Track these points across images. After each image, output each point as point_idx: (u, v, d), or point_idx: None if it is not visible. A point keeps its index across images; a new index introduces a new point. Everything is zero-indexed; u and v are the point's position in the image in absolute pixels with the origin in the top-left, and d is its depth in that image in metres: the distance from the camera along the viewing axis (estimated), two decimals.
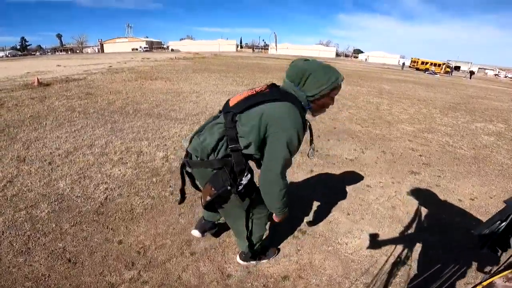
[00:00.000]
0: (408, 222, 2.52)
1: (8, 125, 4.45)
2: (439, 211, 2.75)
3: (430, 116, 6.96)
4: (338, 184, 3.12)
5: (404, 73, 27.66)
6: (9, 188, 2.71)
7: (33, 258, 1.91)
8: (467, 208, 2.86)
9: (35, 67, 16.76)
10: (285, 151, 1.29)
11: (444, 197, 3.05)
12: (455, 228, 2.50)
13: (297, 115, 1.29)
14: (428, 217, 2.64)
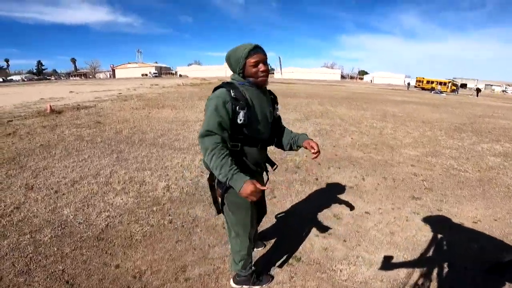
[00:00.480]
0: (407, 248, 2.49)
1: (19, 153, 4.66)
2: (439, 236, 2.71)
3: (435, 139, 6.92)
4: (335, 211, 3.12)
5: (410, 94, 27.79)
6: (16, 213, 2.84)
7: (33, 278, 2.02)
8: (469, 231, 2.82)
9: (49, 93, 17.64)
10: (207, 114, 1.48)
11: (445, 221, 3.01)
12: (456, 251, 2.46)
13: (220, 91, 1.51)
14: (427, 242, 2.60)
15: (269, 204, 3.20)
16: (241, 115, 1.48)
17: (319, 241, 2.55)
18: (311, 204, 3.29)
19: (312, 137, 6.21)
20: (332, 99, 15.81)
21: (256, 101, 1.57)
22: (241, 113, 1.48)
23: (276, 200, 3.32)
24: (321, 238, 2.60)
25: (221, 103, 1.45)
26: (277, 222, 2.89)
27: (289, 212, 3.09)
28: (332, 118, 9.06)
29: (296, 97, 15.92)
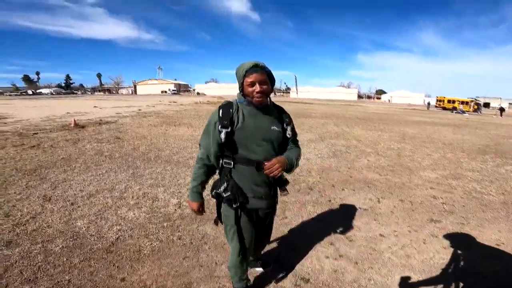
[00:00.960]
0: (423, 270, 2.36)
1: (40, 165, 4.86)
2: (459, 258, 2.55)
3: (456, 161, 6.65)
4: (348, 233, 3.01)
5: (430, 114, 27.10)
6: (31, 223, 2.94)
7: (38, 287, 2.05)
8: (492, 254, 2.67)
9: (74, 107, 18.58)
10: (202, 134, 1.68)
11: (466, 244, 2.87)
12: (478, 273, 2.31)
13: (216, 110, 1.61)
14: (446, 264, 2.45)
15: (280, 224, 3.15)
16: (222, 135, 1.53)
17: (329, 263, 2.45)
18: (323, 225, 3.19)
19: (327, 158, 6.16)
20: (348, 119, 15.66)
21: (252, 120, 1.56)
22: (222, 132, 1.53)
23: (287, 221, 3.26)
24: (331, 259, 2.51)
25: (212, 121, 1.59)
26: (287, 242, 2.82)
27: (300, 232, 3.01)
28: (348, 139, 8.94)
29: (311, 117, 15.91)
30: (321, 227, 3.15)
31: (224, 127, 1.51)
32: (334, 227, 3.13)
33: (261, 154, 1.58)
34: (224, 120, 1.52)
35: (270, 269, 2.34)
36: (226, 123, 1.52)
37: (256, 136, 1.56)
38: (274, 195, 1.77)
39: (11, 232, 2.76)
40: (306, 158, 6.13)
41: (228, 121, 1.52)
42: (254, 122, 1.57)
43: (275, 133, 1.62)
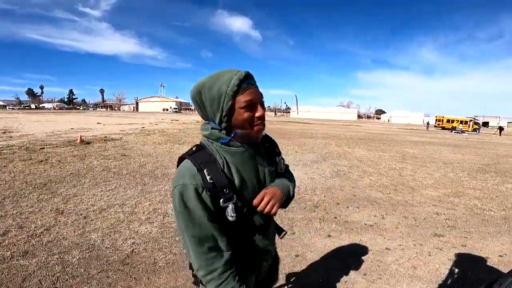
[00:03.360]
0: (430, 280, 2.46)
1: (50, 180, 4.98)
2: (464, 268, 2.67)
3: (457, 180, 6.77)
4: (355, 247, 3.10)
5: (429, 134, 27.40)
6: (46, 235, 3.03)
7: None
8: (495, 264, 2.80)
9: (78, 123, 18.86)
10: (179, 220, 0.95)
11: (470, 255, 2.98)
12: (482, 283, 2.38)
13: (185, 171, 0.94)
14: (452, 274, 2.55)
15: (289, 239, 3.23)
16: (230, 210, 0.94)
17: (338, 274, 2.53)
18: (330, 240, 3.27)
19: (330, 178, 6.28)
20: (349, 140, 15.87)
21: (247, 172, 1.01)
22: (230, 207, 0.94)
23: (295, 236, 3.34)
24: (340, 271, 2.59)
25: (191, 196, 0.91)
26: (295, 257, 2.89)
27: (308, 247, 3.09)
28: (349, 159, 9.06)
29: (313, 137, 16.13)
30: (328, 241, 3.23)
31: (229, 199, 0.94)
32: (341, 242, 3.21)
33: None
34: (224, 188, 0.93)
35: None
36: (228, 191, 0.93)
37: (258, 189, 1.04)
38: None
39: (27, 243, 2.84)
40: (310, 177, 6.24)
41: (229, 187, 0.94)
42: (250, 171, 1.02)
43: (271, 173, 1.11)
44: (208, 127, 0.99)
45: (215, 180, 0.92)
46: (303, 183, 5.72)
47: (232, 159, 0.98)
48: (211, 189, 0.91)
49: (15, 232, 3.05)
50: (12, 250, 2.69)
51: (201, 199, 0.91)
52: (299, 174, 6.51)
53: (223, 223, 0.97)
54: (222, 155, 0.97)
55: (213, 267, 0.95)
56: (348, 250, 3.02)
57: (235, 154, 0.99)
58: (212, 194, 0.92)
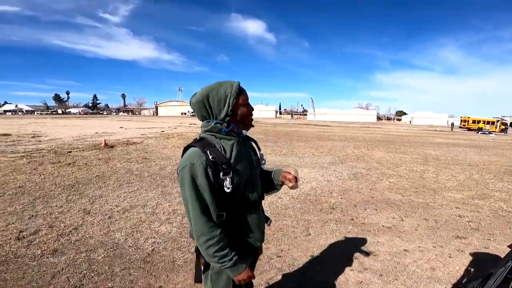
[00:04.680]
0: (449, 281, 2.42)
1: (78, 181, 5.26)
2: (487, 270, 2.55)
3: (483, 182, 6.50)
4: (371, 248, 3.08)
5: (454, 135, 26.33)
6: (74, 234, 3.21)
7: None
8: None
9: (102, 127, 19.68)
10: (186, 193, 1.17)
11: (493, 257, 2.88)
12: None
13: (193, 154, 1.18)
14: (474, 277, 2.46)
15: (304, 240, 3.25)
16: (227, 183, 1.18)
17: (354, 275, 2.53)
18: (346, 241, 3.27)
19: (348, 180, 6.22)
20: (368, 142, 15.56)
21: (240, 155, 1.27)
22: (227, 180, 1.18)
23: (310, 237, 3.35)
24: (356, 272, 2.58)
25: (198, 172, 1.15)
26: (311, 256, 2.91)
27: (323, 248, 3.10)
28: (368, 161, 8.91)
29: (330, 140, 15.95)
30: (344, 242, 3.23)
31: (227, 173, 1.18)
32: (357, 243, 3.20)
33: (257, 190, 1.35)
34: (223, 164, 1.18)
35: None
36: (226, 167, 1.18)
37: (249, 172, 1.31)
38: None
39: (56, 241, 3.03)
40: (327, 180, 6.21)
41: (227, 163, 1.19)
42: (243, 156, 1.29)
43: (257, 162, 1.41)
44: (210, 123, 1.24)
45: (216, 158, 1.18)
46: (319, 185, 5.70)
47: (228, 145, 1.24)
48: (212, 165, 1.17)
49: (45, 231, 3.26)
50: (42, 248, 2.88)
51: (207, 174, 1.16)
52: (316, 176, 6.49)
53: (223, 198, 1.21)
54: (219, 143, 1.23)
55: (213, 234, 1.16)
56: (364, 251, 3.00)
57: (230, 141, 1.25)
58: (214, 170, 1.17)
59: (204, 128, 1.27)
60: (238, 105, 1.24)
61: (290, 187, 1.39)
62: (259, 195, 1.36)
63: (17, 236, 3.09)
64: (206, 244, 1.16)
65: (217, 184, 1.18)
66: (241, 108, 1.25)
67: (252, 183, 1.31)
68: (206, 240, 1.16)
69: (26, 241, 3.01)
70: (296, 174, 1.40)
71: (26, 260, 2.65)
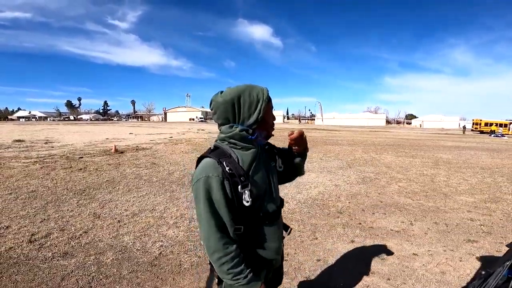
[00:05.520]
0: (459, 285, 2.37)
1: (88, 186, 5.36)
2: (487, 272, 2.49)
3: (495, 185, 6.35)
4: (379, 253, 3.04)
5: (466, 138, 25.75)
6: (84, 237, 3.28)
7: None
8: None
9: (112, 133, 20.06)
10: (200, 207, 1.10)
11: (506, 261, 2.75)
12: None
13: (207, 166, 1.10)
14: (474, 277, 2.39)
15: (311, 244, 3.24)
16: (246, 196, 1.10)
17: (361, 279, 2.50)
18: (353, 245, 3.23)
19: (356, 184, 6.17)
20: (377, 146, 15.38)
21: (258, 165, 1.18)
22: (246, 193, 1.10)
23: (317, 241, 3.33)
24: (363, 276, 2.55)
25: (213, 185, 1.07)
26: (317, 259, 2.89)
27: (331, 251, 3.08)
28: (377, 165, 8.80)
29: (338, 144, 15.83)
30: (351, 246, 3.20)
31: (245, 186, 1.10)
32: (365, 247, 3.17)
33: (276, 200, 1.27)
34: (241, 176, 1.09)
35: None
36: (244, 179, 1.10)
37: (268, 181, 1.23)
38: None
39: (67, 244, 3.09)
40: (335, 184, 6.16)
41: (245, 175, 1.10)
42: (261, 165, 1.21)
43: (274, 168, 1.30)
44: (233, 129, 1.14)
45: (233, 170, 1.08)
46: (327, 189, 5.67)
47: (247, 155, 1.14)
48: (229, 178, 1.07)
49: (56, 234, 3.33)
50: (53, 251, 2.94)
51: (223, 188, 1.07)
52: (324, 180, 6.45)
53: (241, 211, 1.12)
54: (236, 153, 1.13)
55: (227, 250, 1.09)
56: (371, 255, 2.96)
57: (250, 151, 1.15)
58: (231, 182, 1.08)
59: (224, 134, 1.16)
60: (267, 112, 1.18)
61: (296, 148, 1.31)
62: (278, 205, 1.27)
63: (29, 239, 3.17)
64: (219, 261, 1.09)
65: (236, 197, 1.09)
66: (268, 117, 1.19)
67: (271, 193, 1.22)
68: (219, 257, 1.09)
69: (37, 243, 3.09)
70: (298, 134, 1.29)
71: (37, 262, 2.72)
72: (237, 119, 1.14)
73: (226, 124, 1.16)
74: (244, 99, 1.12)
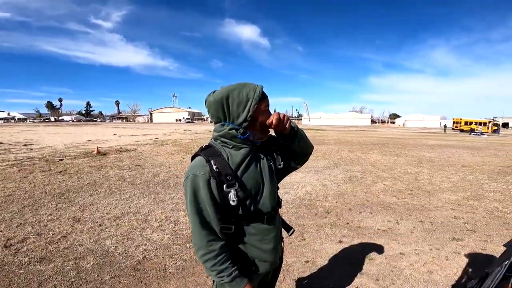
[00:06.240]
0: (447, 285, 2.39)
1: (68, 189, 5.15)
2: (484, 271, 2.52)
3: (477, 183, 6.53)
4: (367, 253, 3.03)
5: (447, 137, 26.54)
6: (62, 241, 3.13)
7: None
8: None
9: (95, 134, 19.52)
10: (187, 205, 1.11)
11: (490, 258, 2.86)
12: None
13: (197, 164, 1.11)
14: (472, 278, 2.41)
15: (299, 245, 3.20)
16: (232, 195, 1.09)
17: (349, 280, 2.48)
18: (341, 245, 3.22)
19: (343, 184, 6.21)
20: (362, 145, 15.61)
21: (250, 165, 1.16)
22: (231, 192, 1.09)
23: (305, 242, 3.30)
24: (351, 277, 2.53)
25: (200, 184, 1.08)
26: (305, 262, 2.86)
27: (318, 253, 3.05)
28: (363, 164, 8.91)
29: (325, 144, 15.97)
30: (339, 247, 3.18)
31: (231, 185, 1.09)
32: (352, 247, 3.16)
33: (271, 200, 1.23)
34: (227, 175, 1.09)
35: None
36: (231, 178, 1.09)
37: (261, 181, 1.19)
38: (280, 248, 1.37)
39: (44, 249, 2.94)
40: (322, 184, 6.17)
41: (232, 174, 1.09)
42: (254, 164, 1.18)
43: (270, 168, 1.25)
44: (224, 127, 1.14)
45: (220, 169, 1.08)
46: (314, 189, 5.67)
47: (238, 154, 1.14)
48: (216, 176, 1.08)
49: (33, 239, 3.17)
50: (30, 256, 2.79)
51: (209, 187, 1.07)
52: (311, 180, 6.46)
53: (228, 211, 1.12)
54: (226, 151, 1.14)
55: (211, 248, 1.10)
56: (359, 256, 2.96)
57: (242, 150, 1.15)
58: (218, 181, 1.08)
59: (217, 132, 1.17)
60: (259, 111, 1.14)
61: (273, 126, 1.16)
62: (274, 205, 1.25)
63: (4, 244, 3.01)
64: (203, 258, 1.11)
65: (221, 196, 1.09)
66: (261, 115, 1.15)
67: (263, 193, 1.19)
68: (203, 254, 1.11)
69: (13, 249, 2.93)
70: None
71: (13, 268, 2.58)
72: (228, 118, 1.14)
73: (218, 122, 1.17)
74: (233, 98, 1.12)
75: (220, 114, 1.15)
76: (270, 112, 1.19)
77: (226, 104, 1.13)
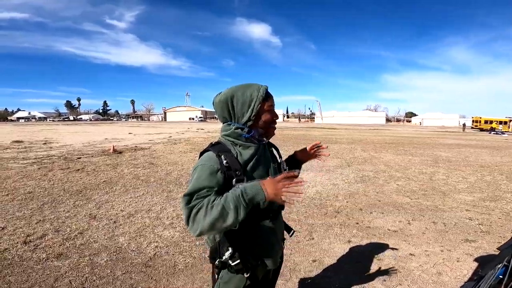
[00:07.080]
0: (456, 286, 2.34)
1: (85, 187, 5.34)
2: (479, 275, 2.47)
3: (495, 184, 6.32)
4: (376, 253, 3.01)
5: (466, 136, 25.70)
6: (79, 238, 3.26)
7: None
8: None
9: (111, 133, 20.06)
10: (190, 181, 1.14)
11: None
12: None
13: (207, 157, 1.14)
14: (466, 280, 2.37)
15: (307, 244, 3.21)
16: None
17: (356, 280, 2.47)
18: (350, 245, 3.21)
19: (354, 183, 6.15)
20: (376, 144, 15.34)
21: (257, 163, 1.21)
22: None
23: (313, 242, 3.31)
24: (358, 277, 2.53)
25: (208, 172, 1.10)
26: (312, 262, 2.87)
27: (326, 252, 3.05)
28: (376, 164, 8.78)
29: (337, 143, 15.80)
30: (348, 247, 3.17)
31: (240, 180, 1.11)
32: (361, 247, 3.14)
33: None
34: (236, 170, 1.11)
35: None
36: (239, 174, 1.12)
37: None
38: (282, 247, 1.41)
39: (61, 245, 3.07)
40: (333, 183, 6.13)
41: (241, 170, 1.12)
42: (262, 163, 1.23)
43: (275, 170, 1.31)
44: (230, 127, 1.20)
45: (230, 164, 1.11)
46: (325, 189, 5.64)
47: (246, 152, 1.18)
48: (225, 171, 1.10)
49: (51, 235, 3.31)
50: (47, 252, 2.93)
51: (214, 175, 1.09)
52: (322, 180, 6.43)
53: None
54: (236, 149, 1.18)
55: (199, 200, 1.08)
56: (368, 256, 2.94)
57: (249, 148, 1.20)
58: (226, 175, 1.10)
59: (223, 131, 1.23)
60: (262, 111, 1.19)
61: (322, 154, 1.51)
62: (278, 205, 1.25)
63: (24, 240, 3.15)
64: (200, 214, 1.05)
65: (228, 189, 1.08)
66: (265, 114, 1.20)
67: None
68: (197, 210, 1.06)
69: (32, 245, 3.07)
70: None
71: (31, 263, 2.70)
72: (233, 118, 1.19)
73: (225, 122, 1.23)
74: (237, 98, 1.16)
75: (226, 114, 1.20)
76: (274, 112, 1.24)
77: (231, 104, 1.18)
